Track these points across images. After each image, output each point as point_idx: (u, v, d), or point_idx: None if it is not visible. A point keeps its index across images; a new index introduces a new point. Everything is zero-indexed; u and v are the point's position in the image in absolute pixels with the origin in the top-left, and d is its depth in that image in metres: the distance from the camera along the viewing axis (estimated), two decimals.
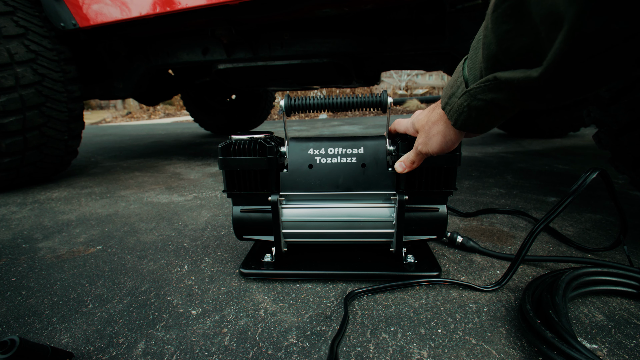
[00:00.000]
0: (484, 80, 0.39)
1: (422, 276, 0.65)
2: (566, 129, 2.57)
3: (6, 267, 0.80)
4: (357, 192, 0.65)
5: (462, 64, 0.45)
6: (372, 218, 0.65)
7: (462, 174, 1.55)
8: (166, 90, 2.60)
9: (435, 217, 0.67)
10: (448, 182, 0.63)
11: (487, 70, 0.39)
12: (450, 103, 0.46)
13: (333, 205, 0.67)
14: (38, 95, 1.40)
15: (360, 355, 0.49)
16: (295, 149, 0.67)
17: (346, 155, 0.65)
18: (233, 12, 1.39)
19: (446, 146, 0.52)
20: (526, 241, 0.64)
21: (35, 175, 1.61)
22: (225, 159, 0.64)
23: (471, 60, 0.43)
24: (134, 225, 1.05)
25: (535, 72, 0.33)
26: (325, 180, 0.65)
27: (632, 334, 0.51)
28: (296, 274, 0.68)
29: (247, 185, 0.67)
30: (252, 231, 0.70)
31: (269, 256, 0.70)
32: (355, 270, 0.67)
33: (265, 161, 0.63)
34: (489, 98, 0.40)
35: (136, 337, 0.54)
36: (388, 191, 0.64)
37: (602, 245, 0.79)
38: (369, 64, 1.93)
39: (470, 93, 0.42)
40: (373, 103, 0.63)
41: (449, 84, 0.48)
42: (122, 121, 8.36)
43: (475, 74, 0.41)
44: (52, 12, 1.49)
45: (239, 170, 0.65)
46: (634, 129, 0.74)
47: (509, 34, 0.34)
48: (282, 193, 0.66)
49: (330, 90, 7.42)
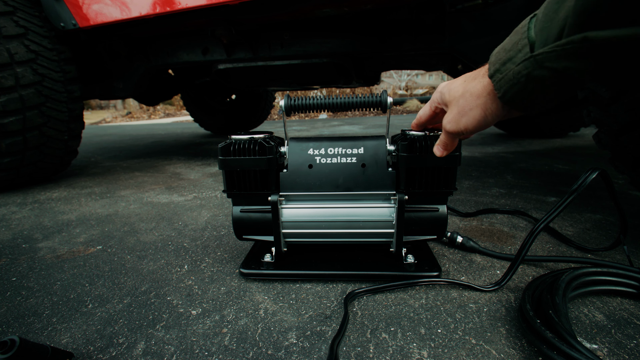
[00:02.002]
0: (564, 42, 0.32)
1: (422, 276, 0.65)
2: (566, 129, 2.57)
3: (6, 267, 0.80)
4: (357, 192, 0.65)
5: (526, 23, 0.38)
6: (372, 218, 0.65)
7: (462, 174, 1.55)
8: (166, 90, 2.60)
9: (435, 217, 0.67)
10: (448, 182, 0.63)
11: (574, 27, 0.31)
12: (502, 70, 0.38)
13: (333, 205, 0.67)
14: (38, 95, 1.40)
15: (360, 355, 0.49)
16: (295, 149, 0.67)
17: (346, 155, 0.65)
18: (233, 12, 1.39)
19: (485, 123, 0.44)
20: (526, 241, 0.64)
21: (35, 175, 1.61)
22: (225, 159, 0.64)
23: (546, 18, 0.34)
24: (134, 225, 1.05)
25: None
26: (325, 181, 0.65)
27: (632, 334, 0.51)
28: (296, 274, 0.68)
29: (247, 185, 0.67)
30: (252, 231, 0.70)
31: (269, 256, 0.70)
32: (355, 271, 0.67)
33: (265, 161, 0.63)
34: (561, 67, 0.33)
35: (136, 337, 0.54)
36: (388, 191, 0.64)
37: (602, 245, 0.79)
38: (369, 64, 1.93)
39: (536, 59, 0.35)
40: (373, 103, 0.63)
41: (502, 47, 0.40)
42: (122, 121, 8.36)
43: (551, 33, 0.33)
44: (52, 12, 1.49)
45: (238, 170, 0.65)
46: (634, 129, 0.74)
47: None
48: (282, 193, 0.66)
49: (330, 90, 7.42)
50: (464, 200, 1.17)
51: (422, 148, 0.61)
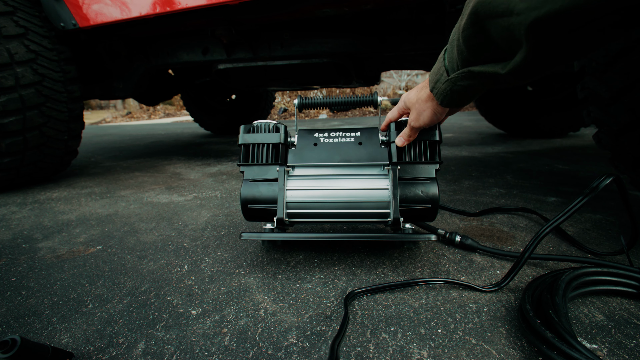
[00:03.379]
0: (460, 72, 0.50)
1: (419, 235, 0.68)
2: (566, 129, 2.57)
3: (6, 267, 0.80)
4: (355, 163, 0.74)
5: (443, 55, 0.55)
6: (371, 186, 0.72)
7: (462, 174, 1.55)
8: (166, 90, 2.60)
9: (427, 187, 0.71)
10: (433, 155, 0.72)
11: (461, 65, 0.49)
12: (436, 87, 0.56)
13: (335, 173, 0.74)
14: (38, 95, 1.40)
15: (360, 355, 0.49)
16: (303, 134, 0.79)
17: (346, 137, 0.78)
18: (233, 12, 1.39)
19: (436, 118, 0.63)
20: (530, 243, 0.64)
21: (35, 175, 1.61)
22: (245, 134, 0.76)
23: (449, 55, 0.52)
24: (134, 225, 1.05)
25: (501, 69, 0.42)
26: (328, 154, 0.76)
27: (632, 334, 0.51)
28: (297, 237, 0.71)
29: (261, 158, 0.75)
30: (258, 201, 0.73)
31: (270, 225, 0.74)
32: (356, 233, 0.73)
33: (278, 136, 0.75)
34: (466, 84, 0.51)
35: (136, 337, 0.54)
36: (382, 162, 0.73)
37: (602, 246, 0.79)
38: (369, 64, 1.93)
39: (451, 81, 0.52)
40: (366, 102, 0.81)
41: (434, 70, 0.57)
42: (122, 121, 8.36)
43: (453, 66, 0.51)
44: (52, 12, 1.49)
45: (255, 145, 0.75)
46: (634, 129, 0.74)
47: (476, 47, 0.45)
48: (289, 164, 0.75)
49: (330, 90, 7.42)
50: (464, 200, 1.16)
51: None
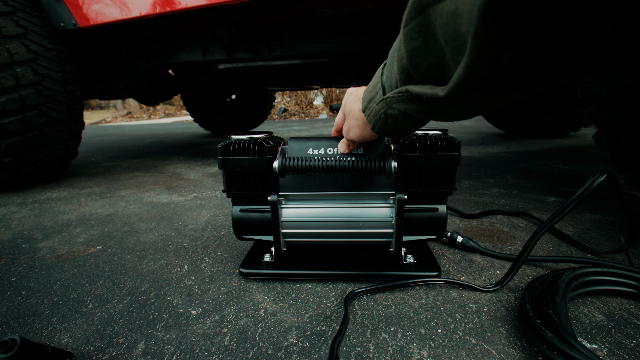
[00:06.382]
0: (397, 91, 0.40)
1: (421, 276, 0.65)
2: (566, 129, 2.57)
3: (6, 267, 0.80)
4: (356, 192, 0.65)
5: (381, 69, 0.45)
6: (372, 218, 0.65)
7: (462, 174, 1.55)
8: (166, 90, 2.60)
9: (435, 217, 0.67)
10: (447, 182, 0.63)
11: (400, 82, 0.39)
12: (369, 107, 0.46)
13: (332, 205, 0.67)
14: (38, 95, 1.40)
15: (360, 355, 0.49)
16: (295, 148, 0.65)
17: (346, 155, 0.66)
18: (233, 12, 1.39)
19: (364, 139, 0.55)
20: (528, 243, 0.63)
21: (35, 175, 1.61)
22: (224, 158, 0.64)
23: (388, 69, 0.42)
24: (134, 225, 1.05)
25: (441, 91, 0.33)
26: (325, 180, 0.65)
27: (632, 334, 0.51)
28: (296, 274, 0.68)
29: (247, 185, 0.66)
30: (251, 231, 0.70)
31: (269, 256, 0.70)
32: (355, 271, 0.67)
33: (264, 161, 0.63)
34: (402, 108, 0.41)
35: (136, 337, 0.54)
36: (387, 191, 0.64)
37: (602, 246, 0.79)
38: (369, 64, 1.93)
39: (386, 101, 0.42)
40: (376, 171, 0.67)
41: (369, 87, 0.47)
42: (122, 121, 8.36)
43: (391, 82, 0.41)
44: (52, 12, 1.49)
45: (238, 170, 0.65)
46: (634, 129, 0.74)
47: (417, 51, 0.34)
48: (281, 193, 0.66)
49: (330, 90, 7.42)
50: (464, 200, 1.16)
51: (423, 148, 0.61)
